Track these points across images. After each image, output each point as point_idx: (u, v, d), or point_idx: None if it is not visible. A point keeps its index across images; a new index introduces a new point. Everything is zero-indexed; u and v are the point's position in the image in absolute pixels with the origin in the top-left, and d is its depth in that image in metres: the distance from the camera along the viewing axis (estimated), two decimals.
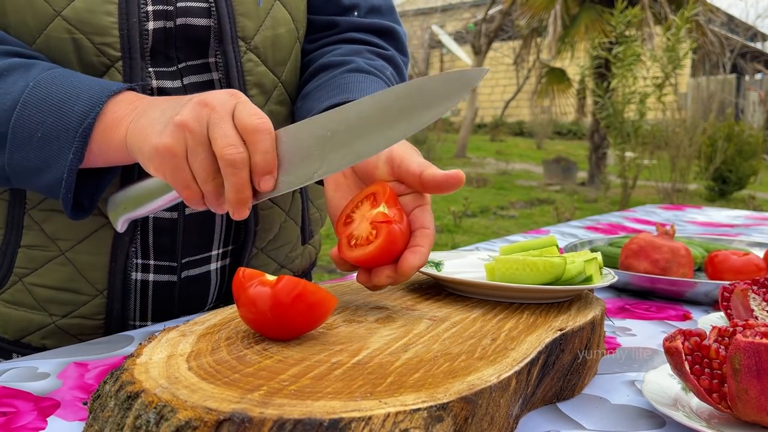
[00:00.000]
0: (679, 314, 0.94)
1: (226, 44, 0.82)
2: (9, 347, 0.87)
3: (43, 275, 0.83)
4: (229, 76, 0.83)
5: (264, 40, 0.85)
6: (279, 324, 0.56)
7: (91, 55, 0.76)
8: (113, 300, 0.84)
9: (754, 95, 15.61)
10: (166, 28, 0.79)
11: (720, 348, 0.56)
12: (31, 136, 0.69)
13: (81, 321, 0.85)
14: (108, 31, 0.76)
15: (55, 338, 0.85)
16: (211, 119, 0.63)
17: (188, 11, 0.80)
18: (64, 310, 0.84)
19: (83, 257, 0.82)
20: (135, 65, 0.77)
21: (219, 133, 0.62)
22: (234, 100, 0.64)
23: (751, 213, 2.00)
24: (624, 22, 7.16)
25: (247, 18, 0.83)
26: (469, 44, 14.96)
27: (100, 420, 0.47)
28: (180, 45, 0.81)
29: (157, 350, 0.54)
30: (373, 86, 0.84)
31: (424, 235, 0.65)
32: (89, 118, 0.68)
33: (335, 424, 0.42)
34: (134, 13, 0.76)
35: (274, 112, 0.89)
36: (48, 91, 0.69)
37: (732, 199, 8.69)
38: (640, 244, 1.05)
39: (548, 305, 0.71)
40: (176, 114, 0.63)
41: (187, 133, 0.62)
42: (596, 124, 9.42)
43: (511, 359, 0.54)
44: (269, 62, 0.87)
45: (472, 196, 8.19)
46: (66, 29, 0.75)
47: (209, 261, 0.89)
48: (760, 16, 31.51)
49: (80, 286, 0.83)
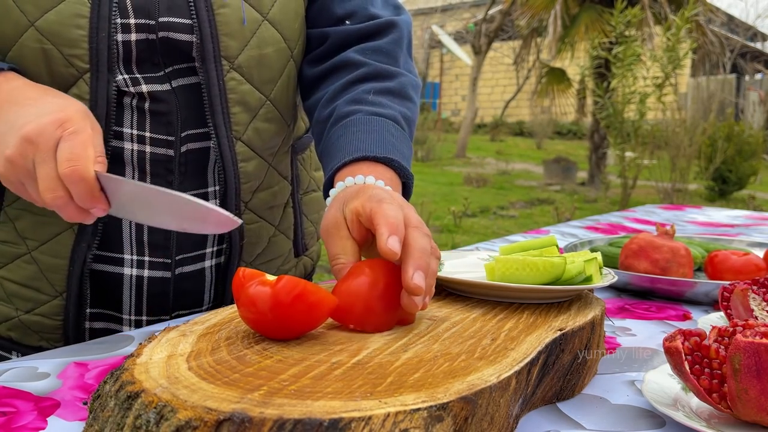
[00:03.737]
0: (679, 314, 0.94)
1: (208, 63, 0.82)
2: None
3: (12, 270, 0.86)
4: (210, 93, 0.83)
5: (249, 59, 0.85)
6: (279, 324, 0.56)
7: (61, 66, 0.77)
8: (70, 303, 0.85)
9: (754, 95, 15.61)
10: (149, 39, 0.80)
11: (720, 348, 0.56)
12: None
13: (41, 319, 0.87)
14: (77, 43, 0.77)
15: (19, 332, 0.88)
16: (36, 158, 0.67)
17: (170, 26, 0.81)
18: (27, 306, 0.87)
19: (45, 258, 0.85)
20: (102, 78, 0.78)
21: (40, 175, 0.67)
22: (59, 134, 0.67)
23: (751, 213, 2.00)
24: (624, 22, 7.16)
25: (231, 38, 0.83)
26: (469, 44, 14.97)
27: (100, 420, 0.47)
28: (164, 53, 0.82)
29: (157, 350, 0.54)
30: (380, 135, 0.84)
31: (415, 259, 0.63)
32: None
33: (335, 424, 0.42)
34: (104, 27, 0.77)
35: (261, 130, 0.89)
36: None
37: (732, 199, 8.68)
38: (640, 244, 1.05)
39: (548, 305, 0.71)
40: (8, 144, 0.68)
41: (16, 169, 0.68)
42: (596, 124, 9.41)
43: (511, 359, 0.54)
44: (255, 81, 0.86)
45: (472, 196, 8.19)
46: (38, 39, 0.76)
47: (203, 258, 0.90)
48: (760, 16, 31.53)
49: (42, 285, 0.86)
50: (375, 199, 0.67)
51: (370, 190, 0.69)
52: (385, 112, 0.86)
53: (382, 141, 0.82)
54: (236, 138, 0.86)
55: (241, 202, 0.89)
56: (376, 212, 0.64)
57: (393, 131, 0.85)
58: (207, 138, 0.86)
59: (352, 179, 0.76)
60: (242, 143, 0.87)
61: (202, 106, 0.84)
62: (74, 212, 0.69)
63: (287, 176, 0.98)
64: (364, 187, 0.72)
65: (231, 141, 0.85)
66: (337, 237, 0.68)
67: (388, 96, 0.90)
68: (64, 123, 0.67)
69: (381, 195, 0.68)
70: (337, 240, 0.68)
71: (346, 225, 0.69)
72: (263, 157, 0.91)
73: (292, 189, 0.99)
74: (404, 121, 0.89)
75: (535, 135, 15.64)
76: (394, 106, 0.89)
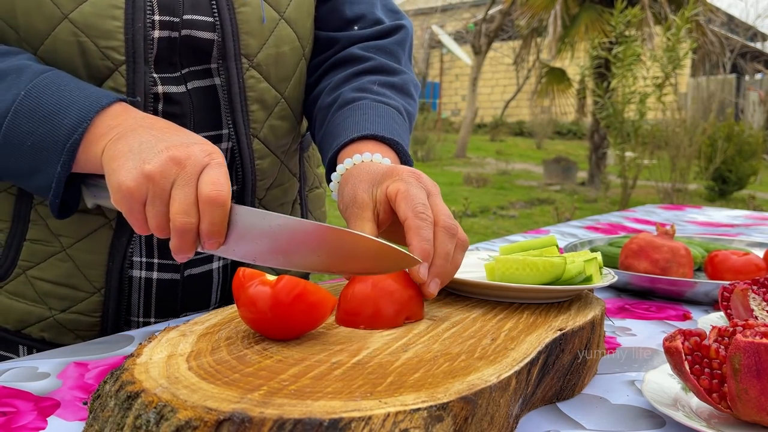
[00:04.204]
0: (679, 314, 0.94)
1: (229, 60, 0.83)
2: (10, 337, 0.88)
3: (45, 269, 0.84)
4: (231, 90, 0.84)
5: (267, 57, 0.86)
6: (279, 324, 0.56)
7: (96, 59, 0.77)
8: (110, 298, 0.85)
9: (754, 95, 15.61)
10: (171, 37, 0.80)
11: (720, 348, 0.56)
12: (22, 144, 0.70)
13: (78, 317, 0.86)
14: (113, 35, 0.76)
15: (53, 332, 0.86)
16: (177, 179, 0.65)
17: (193, 24, 0.81)
18: (63, 305, 0.85)
19: (82, 255, 0.83)
20: (138, 70, 0.78)
21: (178, 196, 0.64)
22: (207, 161, 0.66)
23: (751, 213, 2.00)
24: (624, 22, 7.16)
25: (251, 36, 0.84)
26: (469, 44, 14.96)
27: (100, 420, 0.47)
28: (184, 52, 0.82)
29: (157, 350, 0.54)
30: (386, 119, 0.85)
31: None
32: (77, 133, 0.69)
33: (335, 424, 0.42)
34: (140, 19, 0.77)
35: (276, 127, 0.90)
36: (38, 102, 0.70)
37: (732, 199, 8.68)
38: (640, 244, 1.05)
39: (548, 305, 0.71)
40: (149, 160, 0.64)
41: (151, 185, 0.64)
42: (596, 124, 9.41)
43: (511, 359, 0.54)
44: (272, 79, 0.88)
45: (472, 196, 8.19)
46: (72, 32, 0.75)
47: (211, 260, 0.91)
48: (760, 16, 31.52)
49: (79, 282, 0.84)
50: (407, 196, 0.67)
51: (399, 173, 0.71)
52: (390, 102, 0.89)
53: (388, 125, 0.84)
54: (253, 135, 0.87)
55: (256, 199, 0.90)
56: (408, 219, 0.66)
57: (397, 119, 0.87)
58: (219, 140, 0.86)
59: (360, 156, 0.78)
60: (258, 140, 0.88)
61: (215, 108, 0.85)
62: (190, 243, 0.65)
63: (296, 173, 1.00)
64: (394, 168, 0.73)
65: (249, 139, 0.87)
66: (360, 218, 0.70)
67: (391, 89, 0.92)
68: (212, 153, 0.66)
69: (410, 182, 0.69)
70: (358, 221, 0.70)
71: (371, 207, 0.70)
72: (276, 154, 0.92)
73: (299, 186, 1.01)
74: (406, 114, 0.91)
75: (535, 135, 15.64)
76: (397, 99, 0.91)
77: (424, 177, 0.71)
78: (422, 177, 0.71)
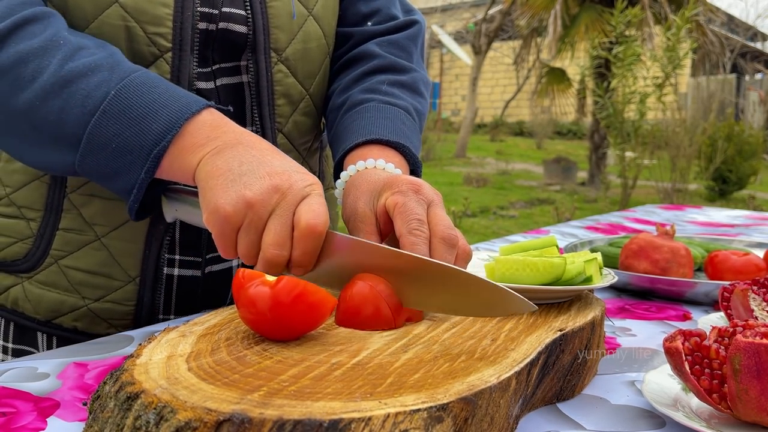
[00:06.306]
0: (679, 314, 0.94)
1: (259, 54, 0.84)
2: (38, 327, 0.87)
3: (79, 258, 0.84)
4: (259, 84, 0.85)
5: (295, 52, 0.87)
6: (279, 324, 0.56)
7: (142, 45, 0.77)
8: (145, 288, 0.85)
9: (754, 95, 15.61)
10: (209, 29, 0.81)
11: (720, 348, 0.56)
12: (106, 145, 0.68)
13: (113, 306, 0.85)
14: (162, 21, 0.77)
15: (86, 321, 0.86)
16: (276, 209, 0.63)
17: (230, 17, 0.82)
18: (97, 294, 0.85)
19: (118, 243, 0.83)
20: (184, 58, 0.78)
21: (274, 227, 0.63)
22: (307, 192, 0.64)
23: (751, 213, 2.00)
24: (624, 22, 7.16)
25: (281, 30, 0.85)
26: (469, 44, 14.96)
27: (100, 420, 0.47)
28: (217, 47, 0.83)
29: (156, 351, 0.54)
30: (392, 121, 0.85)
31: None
32: (165, 140, 0.67)
33: (335, 424, 0.42)
34: (189, 7, 0.78)
35: (300, 123, 0.91)
36: (128, 103, 0.68)
37: (732, 199, 8.69)
38: (640, 244, 1.05)
39: (548, 305, 0.71)
40: (250, 186, 0.63)
41: (249, 212, 0.63)
42: (596, 124, 9.42)
43: (511, 360, 0.54)
44: (299, 74, 0.88)
45: (472, 196, 8.19)
46: (121, 16, 0.75)
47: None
48: (760, 16, 31.51)
49: (114, 271, 0.84)
50: (403, 211, 0.67)
51: (398, 184, 0.70)
52: (398, 102, 0.89)
53: (394, 127, 0.84)
54: (278, 130, 0.88)
55: None
56: (403, 236, 0.66)
57: (405, 120, 0.87)
58: None
59: (363, 163, 0.78)
60: (283, 135, 0.89)
61: (239, 107, 0.86)
62: (277, 272, 0.64)
63: (316, 171, 1.00)
64: (393, 179, 0.72)
65: (274, 133, 0.87)
66: (362, 232, 0.71)
67: (401, 88, 0.92)
68: (313, 184, 0.65)
69: (407, 194, 0.68)
70: (361, 235, 0.71)
71: (373, 220, 0.71)
72: (299, 151, 0.93)
73: None
74: (415, 114, 0.91)
75: (535, 135, 15.64)
76: (406, 98, 0.91)
77: (424, 187, 0.70)
78: (422, 188, 0.70)
